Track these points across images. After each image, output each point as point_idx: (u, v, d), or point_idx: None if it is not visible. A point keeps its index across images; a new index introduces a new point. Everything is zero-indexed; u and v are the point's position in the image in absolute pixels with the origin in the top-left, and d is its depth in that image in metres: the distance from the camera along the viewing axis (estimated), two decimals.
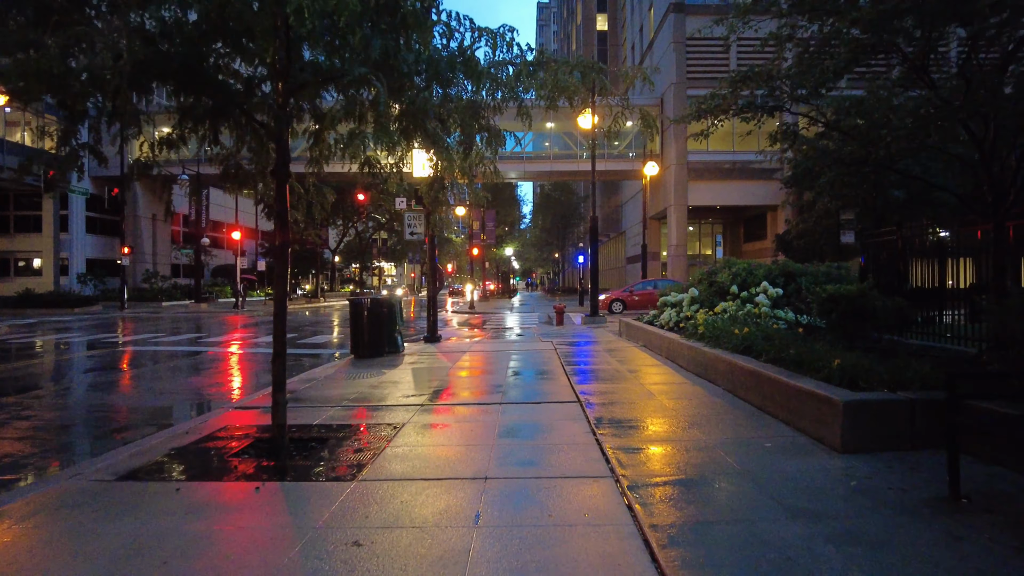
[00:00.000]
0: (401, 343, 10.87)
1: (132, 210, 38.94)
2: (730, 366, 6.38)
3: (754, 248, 40.91)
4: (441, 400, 6.30)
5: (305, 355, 11.85)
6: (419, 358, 9.85)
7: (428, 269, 13.36)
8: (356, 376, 7.96)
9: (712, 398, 6.10)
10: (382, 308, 10.15)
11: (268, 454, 4.53)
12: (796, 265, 10.77)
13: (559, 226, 55.79)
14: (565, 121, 38.40)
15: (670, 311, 10.62)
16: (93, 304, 33.46)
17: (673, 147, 35.38)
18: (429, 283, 13.33)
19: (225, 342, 14.51)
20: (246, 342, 14.53)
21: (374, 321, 10.06)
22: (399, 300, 10.84)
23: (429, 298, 13.22)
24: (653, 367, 8.28)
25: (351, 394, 6.69)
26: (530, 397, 6.37)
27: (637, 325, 11.56)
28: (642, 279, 29.42)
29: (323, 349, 12.71)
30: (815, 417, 4.55)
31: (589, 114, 19.16)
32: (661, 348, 9.45)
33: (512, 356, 9.72)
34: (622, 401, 6.05)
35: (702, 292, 10.37)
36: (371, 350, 10.04)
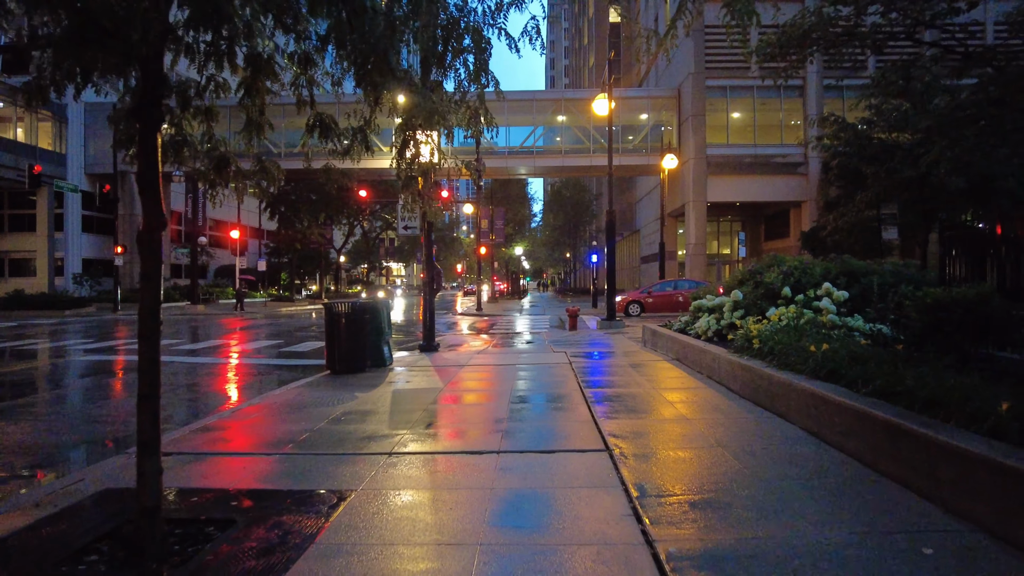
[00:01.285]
0: (389, 355, 9.23)
1: (128, 208, 37.70)
2: (814, 399, 4.66)
3: (775, 247, 38.90)
4: (418, 444, 4.64)
5: (281, 367, 10.25)
6: (407, 375, 8.20)
7: (424, 268, 11.72)
8: (321, 402, 6.32)
9: (796, 447, 4.39)
10: (363, 315, 8.51)
11: (127, 558, 2.89)
12: (858, 263, 9.00)
13: (570, 225, 54.03)
14: (577, 114, 36.68)
15: (707, 317, 8.90)
16: (86, 306, 32.18)
17: (691, 140, 33.55)
18: (426, 284, 11.69)
19: (200, 351, 12.96)
20: (223, 350, 12.97)
21: (353, 330, 8.42)
22: (385, 304, 9.20)
23: (426, 301, 11.58)
24: (694, 391, 6.57)
25: (301, 432, 5.05)
26: (540, 441, 4.69)
27: (665, 333, 9.84)
28: (660, 279, 27.64)
29: (306, 359, 11.10)
30: (999, 504, 2.83)
31: (605, 99, 17.44)
32: (700, 364, 7.73)
33: (519, 373, 8.06)
34: (669, 449, 4.35)
35: (747, 295, 8.64)
36: (349, 365, 8.41)
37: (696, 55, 33.83)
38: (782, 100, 34.77)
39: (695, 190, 33.67)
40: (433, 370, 8.58)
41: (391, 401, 6.32)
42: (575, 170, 38.58)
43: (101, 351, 12.83)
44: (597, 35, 59.78)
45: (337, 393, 6.82)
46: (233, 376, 9.60)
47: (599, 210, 58.12)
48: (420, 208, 11.84)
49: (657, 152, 36.42)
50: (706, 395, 6.28)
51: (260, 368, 10.26)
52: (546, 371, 8.16)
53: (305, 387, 7.31)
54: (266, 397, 6.65)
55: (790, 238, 36.73)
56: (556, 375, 7.78)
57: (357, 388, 7.09)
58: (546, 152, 37.33)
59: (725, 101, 34.80)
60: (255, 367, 10.43)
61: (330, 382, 7.64)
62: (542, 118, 36.96)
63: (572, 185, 53.92)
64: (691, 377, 7.38)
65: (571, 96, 39.20)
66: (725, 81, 34.41)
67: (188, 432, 5.07)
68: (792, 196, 34.61)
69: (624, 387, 6.84)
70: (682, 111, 35.55)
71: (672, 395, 6.30)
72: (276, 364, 10.74)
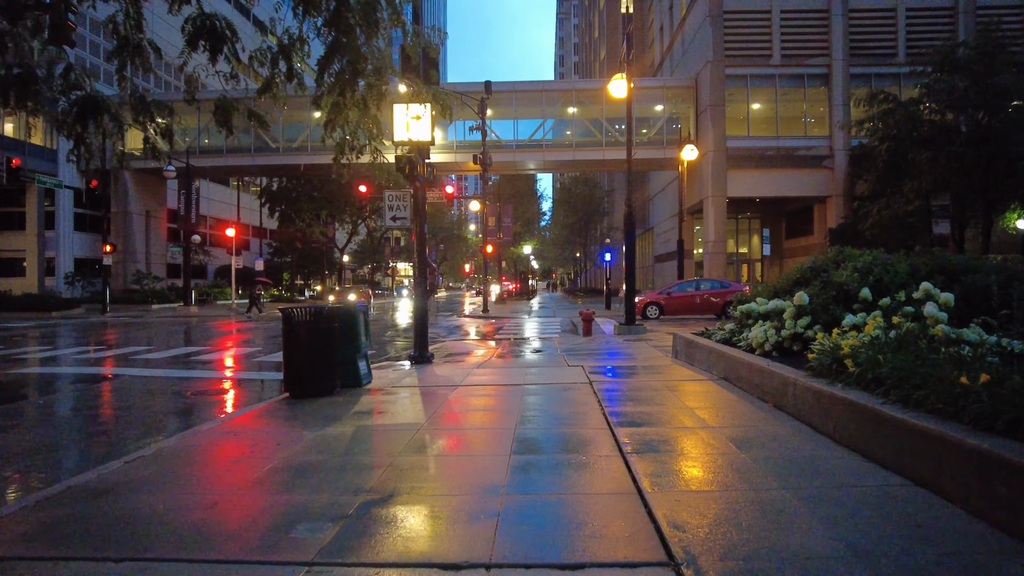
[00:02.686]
0: (366, 372, 7.50)
1: (122, 205, 36.30)
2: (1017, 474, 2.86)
3: (797, 245, 36.90)
4: (361, 545, 2.89)
5: (242, 382, 8.56)
6: (384, 401, 6.45)
7: (416, 267, 9.98)
8: (252, 446, 4.60)
9: (1004, 563, 2.60)
10: (330, 323, 6.77)
11: None
12: (955, 257, 7.16)
13: (581, 223, 52.16)
14: (589, 105, 34.84)
15: (762, 326, 7.09)
16: (74, 307, 30.78)
17: (710, 132, 31.64)
18: (417, 284, 9.96)
19: (157, 361, 11.29)
20: (182, 361, 11.29)
21: (319, 344, 6.69)
22: (361, 310, 7.46)
23: (417, 304, 9.84)
24: (772, 435, 4.79)
25: (194, 508, 3.32)
26: (557, 539, 2.90)
27: (705, 344, 8.04)
28: (679, 279, 25.80)
29: (276, 373, 9.38)
30: None
31: (622, 79, 15.63)
32: (762, 389, 5.93)
33: (526, 399, 6.28)
34: (784, 562, 2.59)
35: (813, 298, 6.84)
36: (313, 386, 6.68)
37: (715, 42, 31.91)
38: (806, 89, 32.77)
39: (714, 184, 31.77)
40: (418, 393, 6.84)
41: (348, 446, 4.58)
42: (586, 164, 36.75)
43: (59, 361, 11.20)
44: (608, 25, 57.92)
45: (281, 431, 5.09)
46: (167, 399, 7.90)
47: (611, 207, 56.22)
48: (412, 196, 10.15)
49: (673, 145, 34.52)
50: (788, 438, 4.49)
51: (211, 387, 8.57)
52: (560, 396, 6.38)
53: (251, 419, 5.60)
54: (182, 438, 4.92)
55: (814, 235, 34.73)
56: (573, 403, 6.01)
57: (312, 422, 5.36)
58: (556, 145, 35.54)
59: (745, 90, 32.87)
60: (206, 384, 8.73)
61: (282, 412, 5.92)
62: (552, 110, 35.18)
63: (583, 181, 52.09)
64: (754, 408, 5.58)
65: (582, 86, 37.38)
66: (745, 69, 32.49)
67: (21, 510, 3.36)
68: (816, 191, 32.64)
69: (668, 424, 5.05)
70: (700, 101, 33.64)
71: (744, 441, 4.52)
72: (238, 379, 9.05)
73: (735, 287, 20.98)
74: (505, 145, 34.84)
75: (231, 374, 9.55)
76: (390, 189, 10.09)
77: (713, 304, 20.17)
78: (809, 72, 32.40)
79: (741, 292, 8.29)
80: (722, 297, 20.27)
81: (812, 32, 32.31)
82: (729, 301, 20.22)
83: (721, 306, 20.15)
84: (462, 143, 34.76)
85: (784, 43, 32.35)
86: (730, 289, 20.66)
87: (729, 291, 20.51)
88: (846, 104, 31.93)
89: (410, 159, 9.42)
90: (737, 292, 20.59)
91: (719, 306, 20.17)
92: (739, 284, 22.21)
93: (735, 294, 20.54)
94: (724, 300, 20.21)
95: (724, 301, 20.19)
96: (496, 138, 34.96)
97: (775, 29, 32.52)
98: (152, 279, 35.82)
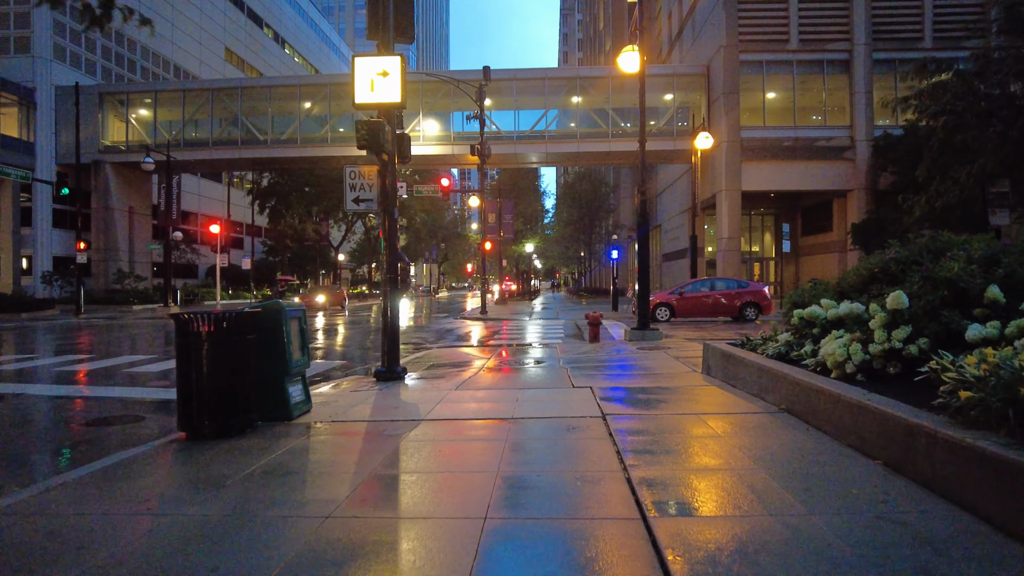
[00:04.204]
0: (300, 398, 5.62)
1: (103, 201, 34.53)
2: None
3: (815, 242, 34.86)
4: None
5: (167, 405, 6.68)
6: (307, 448, 4.53)
7: (385, 260, 8.09)
8: (86, 539, 2.74)
9: None
10: (242, 334, 4.89)
11: None
12: None
13: (585, 220, 50.19)
14: (594, 95, 32.89)
15: (838, 339, 5.17)
16: (48, 308, 28.99)
17: (724, 121, 29.69)
18: (385, 282, 8.05)
19: (95, 373, 9.43)
20: (122, 374, 9.41)
21: (225, 362, 4.80)
22: (293, 315, 5.57)
23: (386, 306, 7.95)
24: (926, 525, 2.89)
25: None
26: None
27: (751, 360, 6.11)
28: (691, 278, 23.86)
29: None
30: None
31: (633, 51, 13.72)
32: (861, 435, 3.97)
33: (512, 444, 4.33)
34: None
35: (915, 301, 4.92)
36: (214, 423, 4.78)
37: (728, 25, 29.95)
38: (825, 77, 30.75)
39: (728, 177, 29.82)
40: (362, 434, 4.92)
41: (204, 548, 2.69)
42: (592, 156, 34.80)
43: None
44: (614, 16, 55.97)
45: (120, 508, 3.20)
46: (49, 431, 6.03)
47: (616, 204, 54.27)
48: (379, 174, 8.26)
49: (684, 136, 32.53)
50: (949, 546, 2.59)
51: (123, 411, 6.68)
52: (561, 444, 4.43)
53: (91, 481, 3.72)
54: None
55: (833, 232, 32.69)
56: (580, 458, 4.08)
57: (182, 490, 3.48)
58: (559, 137, 33.60)
59: (761, 78, 30.87)
60: (120, 407, 6.85)
61: (156, 464, 4.04)
62: (555, 100, 33.25)
63: (587, 177, 50.12)
64: (861, 470, 3.64)
65: (587, 73, 35.42)
66: (760, 55, 30.51)
67: None
68: (836, 184, 30.66)
69: (738, 510, 3.10)
70: (712, 89, 31.68)
71: (878, 555, 2.62)
72: (162, 400, 7.17)
73: (753, 287, 19.15)
74: (505, 136, 32.93)
75: (160, 394, 7.69)
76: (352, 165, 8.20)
77: (729, 306, 18.34)
78: (829, 58, 30.41)
79: (796, 292, 6.35)
80: (740, 298, 18.45)
81: (832, 15, 30.28)
82: (748, 302, 18.38)
83: (739, 308, 18.32)
84: (459, 135, 32.89)
85: (802, 27, 30.34)
86: (748, 289, 18.84)
87: (747, 291, 18.68)
88: (868, 92, 29.93)
89: (372, 127, 7.53)
90: (757, 292, 18.77)
91: (736, 308, 18.35)
92: (758, 284, 20.38)
93: (754, 294, 18.73)
94: (742, 301, 18.37)
95: (742, 302, 18.36)
96: (496, 129, 33.05)
97: (792, 12, 30.48)
98: (134, 278, 34.03)
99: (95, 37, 38.24)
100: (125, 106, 34.70)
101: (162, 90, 35.67)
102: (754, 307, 18.26)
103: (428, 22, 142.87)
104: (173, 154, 32.04)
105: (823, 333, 5.77)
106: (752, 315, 18.16)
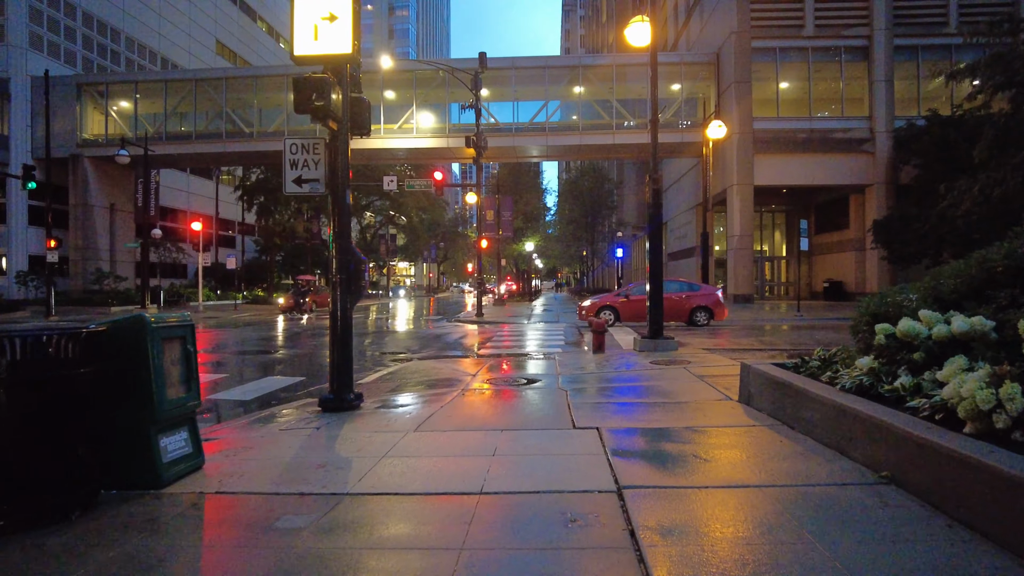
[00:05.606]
0: (181, 452, 3.91)
1: (82, 197, 32.88)
2: None
3: (829, 241, 33.09)
4: None
5: None
6: (165, 548, 2.86)
7: (334, 262, 6.33)
8: None
9: None
10: (71, 367, 3.18)
11: None
12: None
13: (588, 218, 48.43)
14: (597, 84, 31.10)
15: (969, 372, 3.45)
16: (19, 309, 27.42)
17: (735, 111, 27.91)
18: (334, 283, 6.31)
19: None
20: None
21: (42, 411, 3.10)
22: (169, 333, 3.86)
23: (335, 315, 6.22)
24: None
25: None
26: None
27: (827, 399, 4.34)
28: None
29: None
30: None
31: (643, 22, 11.99)
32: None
33: (467, 567, 2.68)
34: None
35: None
36: (27, 503, 3.08)
37: (739, 10, 28.15)
38: (843, 64, 28.92)
39: (740, 171, 28.06)
40: (245, 522, 3.23)
41: None
42: (595, 149, 33.02)
43: None
44: (617, 8, 54.19)
45: None
46: None
47: (620, 201, 52.52)
48: (329, 150, 6.54)
49: (692, 128, 30.76)
50: None
51: None
52: (552, 560, 2.73)
53: None
54: None
55: (849, 229, 30.89)
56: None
57: None
58: (560, 129, 31.83)
59: (774, 65, 29.08)
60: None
61: None
62: (556, 90, 31.49)
63: (590, 173, 48.36)
64: None
65: (590, 62, 33.62)
66: (774, 42, 28.70)
67: None
68: (854, 179, 28.85)
69: None
70: (722, 78, 29.92)
71: None
72: None
73: (706, 290, 17.78)
74: (504, 128, 31.18)
75: None
76: (297, 137, 6.49)
77: (679, 309, 17.06)
78: (847, 44, 28.59)
79: (874, 299, 4.56)
80: (690, 302, 17.11)
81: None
82: (699, 307, 16.99)
83: (689, 312, 16.98)
84: (455, 127, 31.15)
85: (818, 11, 28.54)
86: (699, 292, 17.48)
87: (698, 295, 17.31)
88: (889, 80, 28.13)
89: (314, 85, 5.82)
90: (709, 296, 17.19)
91: (686, 312, 17.02)
92: (710, 286, 18.99)
93: (706, 298, 16.80)
94: (693, 305, 17.02)
95: (693, 306, 17.00)
96: (494, 121, 31.32)
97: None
98: (114, 279, 32.36)
99: (75, 26, 36.58)
100: (105, 97, 33.04)
101: (143, 80, 33.99)
102: (705, 312, 17.01)
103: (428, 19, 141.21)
104: (155, 148, 30.39)
105: (930, 360, 4.04)
106: (703, 320, 16.95)
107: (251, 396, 7.81)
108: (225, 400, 7.56)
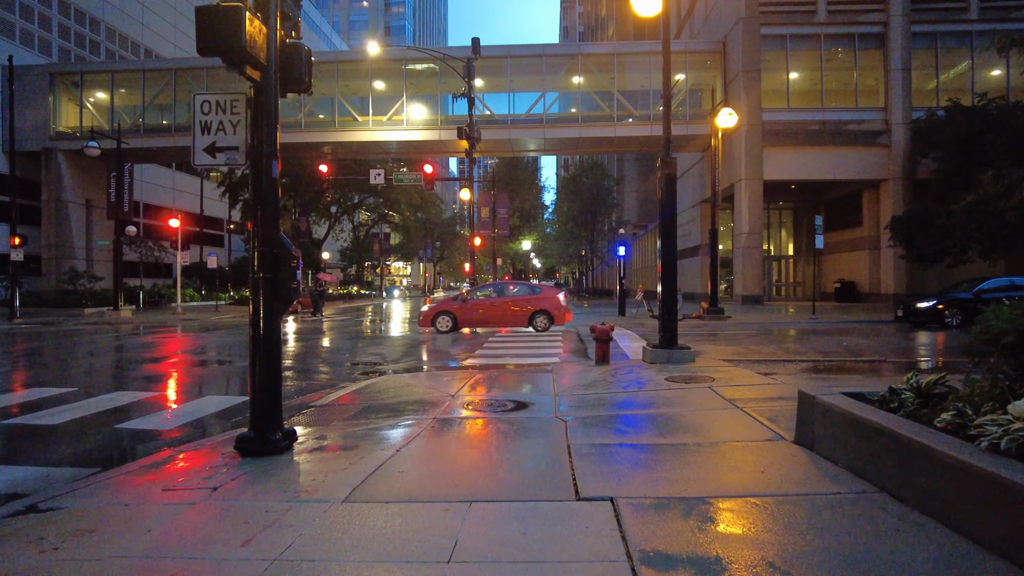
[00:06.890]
0: None
1: (55, 193, 31.28)
2: None
3: (841, 239, 31.57)
4: None
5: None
6: None
7: (255, 256, 4.75)
8: None
9: None
10: None
11: None
12: None
13: (587, 215, 46.87)
14: (597, 74, 29.51)
15: None
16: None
17: (743, 102, 26.38)
18: (257, 283, 4.73)
19: None
20: None
21: None
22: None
23: (256, 324, 4.64)
24: None
25: None
26: None
27: (974, 467, 2.84)
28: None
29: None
30: None
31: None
32: None
33: None
34: None
35: None
36: None
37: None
38: (856, 52, 27.38)
39: (748, 164, 26.54)
40: None
41: None
42: (595, 142, 31.46)
43: None
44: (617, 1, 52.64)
45: None
46: None
47: (621, 198, 50.96)
48: (250, 107, 4.96)
49: (697, 120, 29.22)
50: None
51: None
52: None
53: None
54: None
55: (863, 227, 29.37)
56: None
57: None
58: (558, 121, 30.27)
59: (784, 54, 27.53)
60: None
61: None
62: (553, 80, 29.93)
63: (589, 169, 46.81)
64: None
65: (589, 50, 32.03)
66: (784, 28, 27.16)
67: None
68: (868, 173, 27.35)
69: None
70: (729, 67, 28.39)
71: None
72: None
73: (546, 293, 16.72)
74: (499, 120, 29.62)
75: None
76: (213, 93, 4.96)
77: (520, 314, 16.06)
78: (861, 31, 27.06)
79: (1008, 311, 2.89)
80: (530, 306, 16.08)
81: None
82: (539, 311, 15.87)
83: (528, 318, 15.96)
84: (448, 119, 29.59)
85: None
86: (539, 296, 16.44)
87: (538, 298, 16.29)
88: (906, 70, 26.60)
89: (223, 16, 4.28)
90: (550, 299, 16.08)
91: (526, 317, 16.00)
92: (553, 289, 17.94)
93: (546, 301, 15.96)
94: (533, 309, 15.99)
95: (533, 311, 15.98)
96: (488, 113, 29.78)
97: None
98: (89, 278, 30.73)
99: (50, 14, 34.92)
100: (79, 88, 31.41)
101: (120, 70, 32.37)
102: (545, 316, 16.01)
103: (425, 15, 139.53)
104: (132, 141, 28.82)
105: None
106: (543, 325, 15.99)
107: (174, 424, 6.27)
108: (136, 430, 6.01)
